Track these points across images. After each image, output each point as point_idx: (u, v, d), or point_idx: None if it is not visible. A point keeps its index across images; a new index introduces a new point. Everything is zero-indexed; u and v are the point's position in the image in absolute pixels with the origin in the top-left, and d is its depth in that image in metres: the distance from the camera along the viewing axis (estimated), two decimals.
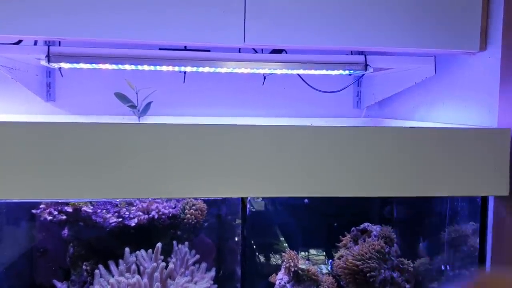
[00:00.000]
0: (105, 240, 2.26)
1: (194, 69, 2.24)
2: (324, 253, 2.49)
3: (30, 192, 1.56)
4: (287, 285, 2.35)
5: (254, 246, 2.61)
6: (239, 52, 2.24)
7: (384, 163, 1.72)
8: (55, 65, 2.16)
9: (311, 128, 1.71)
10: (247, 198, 1.76)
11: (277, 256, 2.53)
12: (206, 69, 2.24)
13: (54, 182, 1.54)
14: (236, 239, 2.38)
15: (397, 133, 1.74)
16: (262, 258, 2.60)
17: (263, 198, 2.60)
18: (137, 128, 1.59)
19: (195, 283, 2.21)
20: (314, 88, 2.68)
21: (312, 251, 2.47)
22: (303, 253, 2.47)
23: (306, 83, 2.67)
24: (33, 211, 2.15)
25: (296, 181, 1.68)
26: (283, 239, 2.55)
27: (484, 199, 1.90)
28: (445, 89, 2.28)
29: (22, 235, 2.32)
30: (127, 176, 1.58)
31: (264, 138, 1.65)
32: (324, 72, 2.29)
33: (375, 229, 2.48)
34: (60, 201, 2.11)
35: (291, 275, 2.35)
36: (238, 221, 1.90)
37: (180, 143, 1.60)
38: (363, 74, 2.57)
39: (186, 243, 2.34)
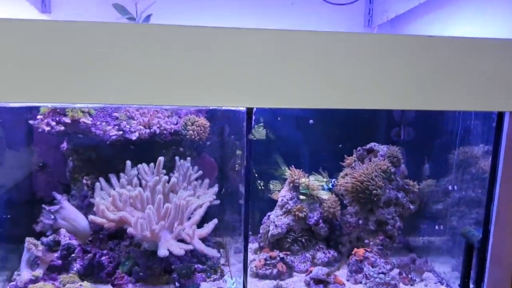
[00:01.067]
0: (106, 153, 2.20)
1: None
2: (328, 174, 2.44)
3: (24, 95, 1.47)
4: (290, 202, 2.32)
5: (258, 166, 2.56)
6: None
7: (400, 74, 1.62)
8: None
9: (322, 33, 1.59)
10: (252, 109, 1.67)
11: (280, 175, 2.49)
12: None
13: (49, 85, 1.45)
14: (239, 157, 2.34)
15: (414, 41, 1.62)
16: (265, 177, 2.56)
17: (265, 123, 2.53)
18: (136, 28, 1.47)
19: (198, 197, 2.18)
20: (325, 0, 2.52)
21: (317, 172, 2.42)
22: (307, 173, 2.42)
23: None
24: (31, 122, 2.07)
25: (306, 91, 1.59)
26: (287, 160, 2.50)
27: (500, 116, 1.82)
28: (462, 3, 2.13)
29: (20, 148, 2.26)
30: (126, 80, 1.48)
31: (271, 42, 1.53)
32: None
33: (382, 149, 2.42)
34: (56, 106, 2.02)
35: (294, 192, 2.33)
36: (241, 140, 1.83)
37: (182, 46, 1.49)
38: None
39: (189, 158, 2.29)
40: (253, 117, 1.68)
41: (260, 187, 2.57)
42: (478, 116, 2.03)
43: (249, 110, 1.65)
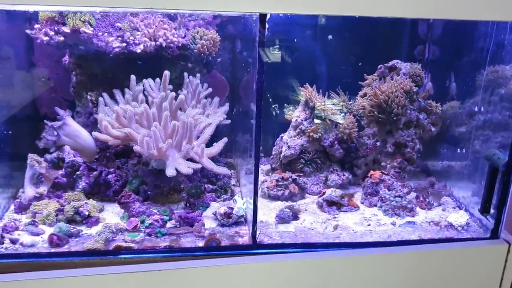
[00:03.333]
0: (109, 67, 2.08)
1: None
2: (347, 94, 2.29)
3: None
4: (304, 122, 2.21)
5: (273, 90, 2.42)
6: None
7: None
8: None
9: None
10: (266, 16, 1.51)
11: (296, 95, 2.35)
12: None
13: None
14: (253, 75, 2.19)
15: None
16: (280, 101, 2.43)
17: (280, 42, 2.36)
18: None
19: (207, 116, 2.07)
20: None
21: (335, 93, 2.27)
22: (324, 94, 2.27)
23: None
24: (28, 31, 1.94)
25: None
26: (303, 81, 2.34)
27: None
28: None
29: (21, 61, 2.14)
30: None
31: None
32: None
33: (405, 66, 2.25)
34: (54, 10, 1.87)
35: (309, 112, 2.20)
36: (253, 57, 1.67)
37: None
38: None
39: (198, 75, 2.15)
40: (267, 26, 1.52)
41: (274, 111, 2.44)
42: None
43: (262, 17, 1.49)
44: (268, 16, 1.50)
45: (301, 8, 1.45)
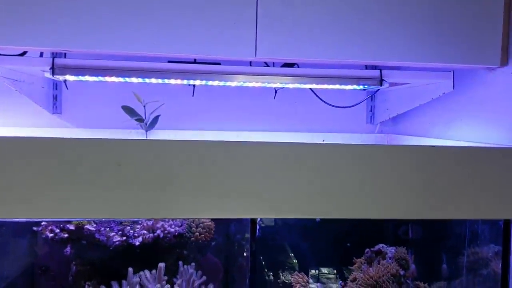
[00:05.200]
0: (109, 259, 2.17)
1: (204, 82, 2.16)
2: (336, 272, 2.38)
3: (32, 212, 1.48)
4: None
5: (264, 265, 2.51)
6: (250, 65, 2.17)
7: (402, 183, 1.63)
8: (60, 78, 2.10)
9: (323, 146, 1.62)
10: (257, 218, 1.67)
11: (287, 276, 2.43)
12: (216, 83, 2.16)
13: (56, 201, 1.47)
14: (245, 259, 2.29)
15: (416, 152, 1.64)
16: (271, 278, 2.49)
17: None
18: (141, 144, 1.51)
19: None
20: (326, 103, 2.60)
21: (324, 271, 2.36)
22: (313, 271, 2.35)
23: (319, 97, 2.59)
24: (34, 228, 2.07)
25: (308, 202, 1.59)
26: (293, 258, 2.45)
27: (507, 223, 1.80)
28: (464, 106, 2.19)
29: (23, 253, 2.24)
30: (131, 195, 1.50)
31: (275, 156, 1.56)
32: (337, 87, 2.21)
33: (390, 250, 2.37)
34: (62, 220, 2.04)
35: None
36: (247, 240, 1.80)
37: (186, 160, 1.52)
38: (378, 89, 2.48)
39: (193, 264, 2.24)
40: (257, 227, 1.67)
41: (268, 285, 2.49)
42: (485, 220, 2.01)
43: (253, 220, 1.65)
44: (258, 219, 1.66)
45: (286, 213, 1.61)
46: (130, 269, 2.09)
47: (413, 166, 1.62)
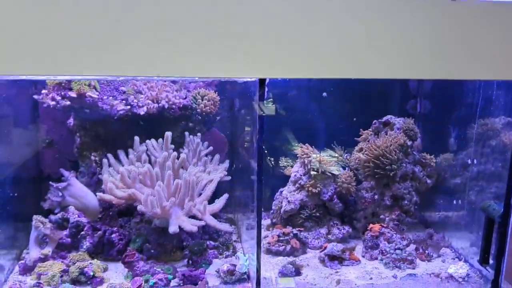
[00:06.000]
0: (113, 129, 2.14)
1: None
2: (343, 148, 2.36)
3: (29, 68, 1.40)
4: (303, 177, 2.26)
5: (268, 142, 2.49)
6: None
7: (417, 41, 1.54)
8: None
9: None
10: (265, 80, 1.59)
11: (291, 152, 2.42)
12: None
13: (53, 58, 1.38)
14: (250, 133, 2.26)
15: (435, 6, 1.53)
16: (276, 154, 2.49)
17: (276, 98, 2.44)
18: None
19: (208, 173, 2.12)
20: None
21: (330, 148, 2.34)
22: (320, 149, 2.34)
23: None
24: (35, 97, 2.01)
25: (320, 60, 1.51)
26: (299, 135, 2.42)
27: None
28: None
29: (26, 124, 2.21)
30: (133, 52, 1.41)
31: (285, 8, 1.46)
32: None
33: (398, 121, 2.34)
34: (62, 79, 1.95)
35: (307, 167, 2.26)
36: (253, 116, 1.75)
37: (191, 14, 1.41)
38: None
39: (199, 134, 2.22)
40: (266, 89, 1.60)
41: (271, 164, 2.50)
42: (500, 86, 1.94)
43: (262, 81, 1.58)
44: (267, 80, 1.59)
45: (297, 72, 1.54)
46: (137, 137, 2.07)
47: (426, 22, 1.52)
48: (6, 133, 2.00)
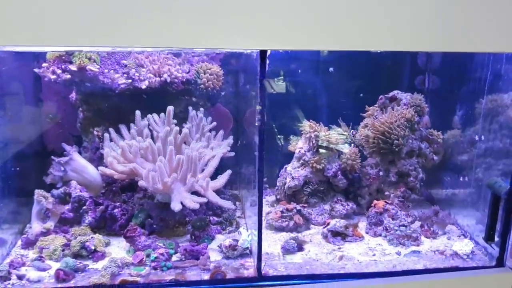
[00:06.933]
0: (115, 103, 2.12)
1: None
2: (349, 125, 2.32)
3: (29, 38, 1.37)
4: (307, 153, 2.23)
5: (277, 120, 2.47)
6: None
7: (428, 11, 1.48)
8: None
9: None
10: (266, 52, 1.55)
11: (298, 127, 2.39)
12: None
13: (50, 28, 1.35)
14: (254, 108, 2.23)
15: None
16: (285, 132, 2.46)
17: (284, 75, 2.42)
18: None
19: (212, 149, 2.10)
20: None
21: (336, 124, 2.30)
22: (327, 126, 2.30)
23: None
24: (36, 70, 1.99)
25: (324, 31, 1.47)
26: (307, 111, 2.39)
27: None
28: None
29: (28, 98, 2.19)
30: (133, 22, 1.37)
31: None
32: None
33: (405, 97, 2.29)
34: (62, 51, 1.93)
35: (312, 143, 2.23)
36: (256, 92, 1.71)
37: None
38: None
39: (202, 109, 2.20)
40: (267, 61, 1.56)
41: (280, 142, 2.48)
42: (510, 60, 1.88)
43: (263, 54, 1.54)
44: (269, 52, 1.55)
45: (299, 44, 1.49)
46: (138, 112, 2.04)
47: None
48: (9, 107, 1.99)
